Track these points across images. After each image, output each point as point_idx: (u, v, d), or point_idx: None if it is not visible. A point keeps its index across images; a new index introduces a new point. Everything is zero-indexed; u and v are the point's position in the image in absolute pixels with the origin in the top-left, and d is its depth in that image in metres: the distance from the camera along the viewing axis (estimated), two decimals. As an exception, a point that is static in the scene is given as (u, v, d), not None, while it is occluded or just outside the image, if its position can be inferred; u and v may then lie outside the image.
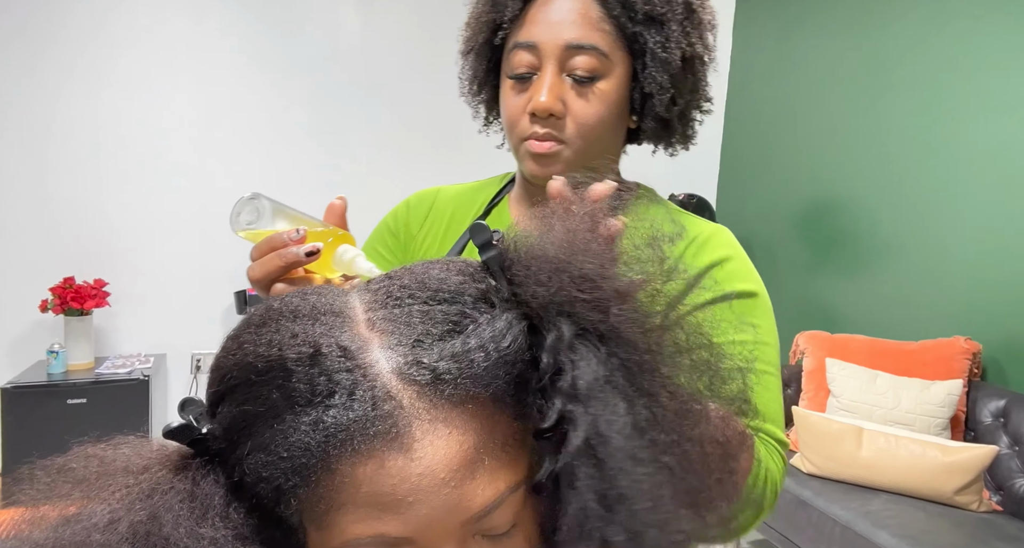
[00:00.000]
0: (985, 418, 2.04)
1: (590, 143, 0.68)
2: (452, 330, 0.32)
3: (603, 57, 0.65)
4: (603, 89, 0.66)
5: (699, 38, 0.68)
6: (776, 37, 3.07)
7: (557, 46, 0.65)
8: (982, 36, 2.20)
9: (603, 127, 0.67)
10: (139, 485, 0.31)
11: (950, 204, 2.29)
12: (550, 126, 0.67)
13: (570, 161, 0.68)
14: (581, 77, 0.65)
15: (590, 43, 0.64)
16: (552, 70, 0.66)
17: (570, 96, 0.66)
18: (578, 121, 0.66)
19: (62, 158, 2.50)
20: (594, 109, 0.66)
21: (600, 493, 0.31)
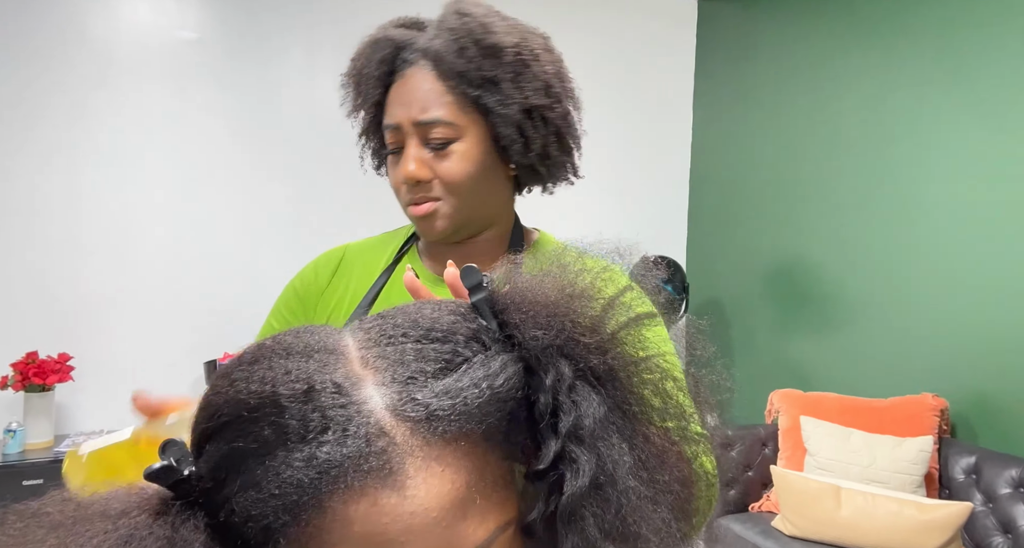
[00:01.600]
0: (958, 475, 2.06)
1: (463, 197, 0.75)
2: (445, 368, 0.32)
3: (451, 125, 0.72)
4: (460, 150, 0.73)
5: (536, 89, 0.73)
6: (735, 108, 3.25)
7: (410, 124, 0.73)
8: (929, 105, 2.36)
9: (471, 181, 0.74)
10: (117, 531, 0.30)
11: (911, 263, 2.39)
12: (421, 190, 0.75)
13: (450, 215, 0.76)
14: (436, 145, 0.73)
15: (435, 118, 0.72)
16: (413, 143, 0.74)
17: (433, 162, 0.74)
18: (444, 181, 0.74)
19: (28, 230, 2.49)
20: (456, 167, 0.74)
21: (606, 532, 0.32)
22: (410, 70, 0.74)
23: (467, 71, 0.71)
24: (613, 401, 0.35)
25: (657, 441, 0.36)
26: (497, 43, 0.70)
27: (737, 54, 3.23)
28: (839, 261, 2.66)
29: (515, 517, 0.34)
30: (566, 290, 0.37)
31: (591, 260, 0.41)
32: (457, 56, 0.70)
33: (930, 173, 2.32)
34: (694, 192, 3.50)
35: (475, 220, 0.78)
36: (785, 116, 2.94)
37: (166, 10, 2.64)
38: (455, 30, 0.71)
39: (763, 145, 3.06)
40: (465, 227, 0.78)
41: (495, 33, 0.71)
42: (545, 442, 0.33)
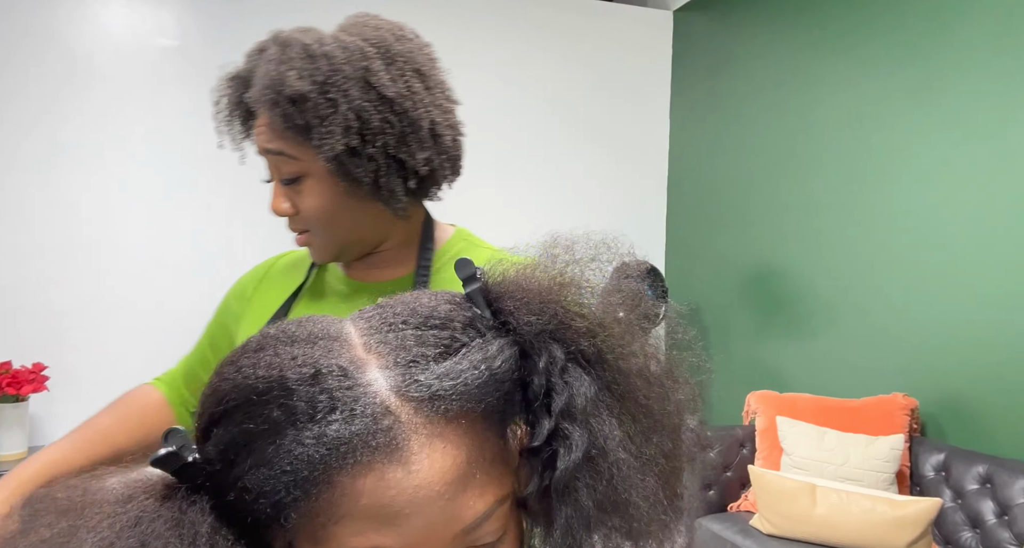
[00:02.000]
0: (928, 472, 2.12)
1: (329, 229, 0.76)
2: (444, 352, 0.34)
3: (293, 159, 0.73)
4: (310, 185, 0.74)
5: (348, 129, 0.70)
6: (711, 116, 3.32)
7: (262, 153, 0.75)
8: (899, 113, 2.44)
9: (328, 215, 0.75)
10: (126, 514, 0.31)
11: (882, 268, 2.46)
12: (294, 223, 0.77)
13: (324, 246, 0.78)
14: (287, 181, 0.74)
15: (277, 149, 0.73)
16: (275, 177, 0.76)
17: (292, 196, 0.75)
18: (307, 216, 0.75)
19: (2, 239, 2.45)
20: (311, 202, 0.74)
21: (598, 501, 0.35)
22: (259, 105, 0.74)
23: (285, 118, 0.70)
24: (602, 381, 0.37)
25: (642, 418, 0.38)
26: (295, 93, 0.68)
27: (713, 64, 3.31)
28: (813, 266, 2.73)
29: (512, 491, 0.36)
30: (556, 279, 0.39)
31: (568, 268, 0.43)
32: (272, 107, 0.70)
33: (900, 179, 2.40)
34: (672, 199, 3.56)
35: (355, 243, 0.79)
36: (760, 124, 3.01)
37: (144, 18, 2.63)
38: (261, 80, 0.71)
39: (739, 153, 3.13)
40: (346, 252, 0.79)
41: (290, 83, 0.68)
42: (539, 421, 0.36)
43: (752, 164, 3.04)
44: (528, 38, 3.18)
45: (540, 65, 3.23)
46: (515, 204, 3.20)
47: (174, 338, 2.59)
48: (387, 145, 0.72)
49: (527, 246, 0.43)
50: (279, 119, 0.71)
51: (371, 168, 0.72)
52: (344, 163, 0.71)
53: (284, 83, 0.69)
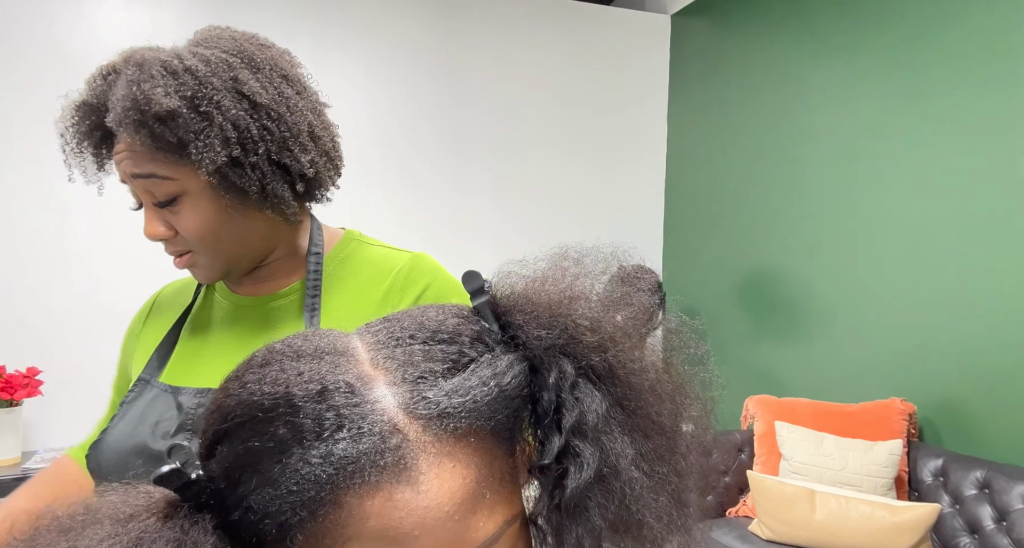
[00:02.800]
0: (926, 477, 2.12)
1: (215, 244, 0.73)
2: (452, 368, 0.34)
3: (168, 179, 0.69)
4: (189, 204, 0.70)
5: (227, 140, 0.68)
6: (708, 120, 3.33)
7: (129, 178, 0.71)
8: (892, 118, 2.45)
9: (216, 228, 0.72)
10: (127, 534, 0.31)
11: (879, 272, 2.46)
12: (173, 245, 0.73)
13: (209, 265, 0.74)
14: (162, 203, 0.70)
15: (149, 173, 0.69)
16: (146, 201, 0.72)
17: (170, 218, 0.71)
18: (189, 235, 0.72)
19: (4, 243, 2.43)
20: (190, 223, 0.71)
21: (610, 521, 0.34)
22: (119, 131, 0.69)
23: (155, 139, 0.67)
24: (613, 397, 0.36)
25: (655, 435, 0.37)
26: (164, 109, 0.65)
27: (710, 68, 3.31)
28: (810, 270, 2.73)
29: (521, 511, 0.36)
30: (566, 292, 0.38)
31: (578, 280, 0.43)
32: (138, 129, 0.66)
33: (896, 182, 2.41)
34: (669, 203, 3.56)
35: (243, 258, 0.76)
36: (757, 128, 3.02)
37: (140, 18, 2.62)
38: (123, 102, 0.66)
39: (736, 157, 3.13)
40: (236, 266, 0.76)
41: (156, 101, 0.65)
42: (549, 438, 0.35)
43: (749, 168, 3.05)
44: (525, 42, 3.18)
45: (538, 69, 3.23)
46: (512, 208, 3.20)
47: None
48: (269, 152, 0.70)
49: (535, 258, 0.42)
50: (148, 140, 0.66)
51: (256, 177, 0.70)
52: (227, 175, 0.68)
53: (150, 102, 0.65)
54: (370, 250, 0.82)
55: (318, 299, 0.76)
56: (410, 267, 0.78)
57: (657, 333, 0.42)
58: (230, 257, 0.74)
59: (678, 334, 0.44)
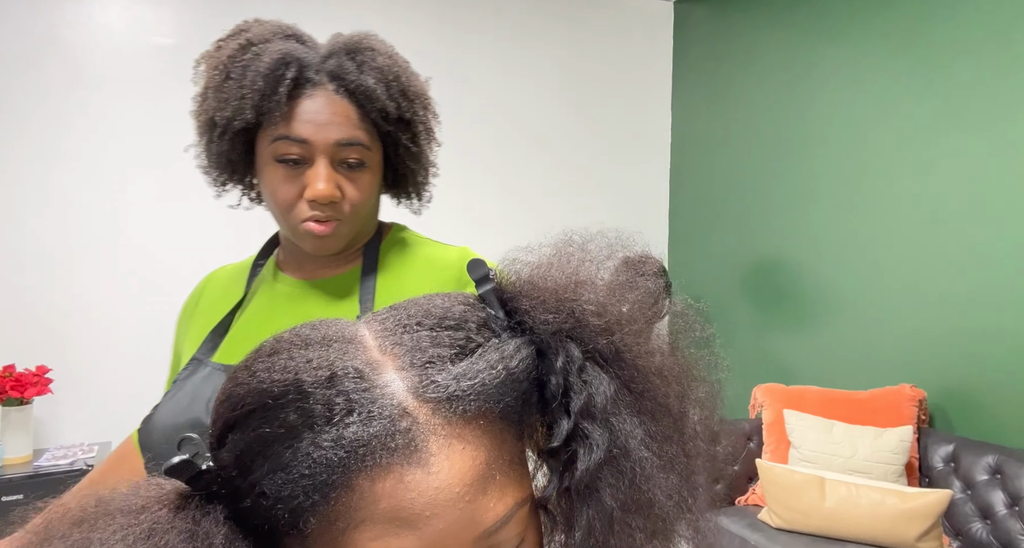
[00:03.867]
0: (937, 464, 2.11)
1: (360, 218, 0.80)
2: (460, 353, 0.34)
3: (366, 149, 0.77)
4: (368, 174, 0.79)
5: (430, 132, 0.83)
6: (712, 108, 3.30)
7: (328, 144, 0.75)
8: (900, 103, 2.42)
9: (369, 204, 0.80)
10: (139, 525, 0.31)
11: (886, 258, 2.44)
12: (330, 210, 0.76)
13: (346, 235, 0.80)
14: (353, 163, 0.77)
15: (357, 140, 0.76)
16: (325, 162, 0.75)
17: (343, 182, 0.77)
18: (352, 203, 0.78)
19: (3, 241, 2.44)
20: (364, 192, 0.79)
21: (621, 501, 0.34)
22: (318, 90, 0.75)
23: (387, 108, 0.76)
24: (621, 380, 0.36)
25: (662, 416, 0.37)
26: (417, 90, 0.79)
27: (714, 55, 3.28)
28: (817, 257, 2.71)
29: (531, 493, 0.36)
30: (571, 277, 0.39)
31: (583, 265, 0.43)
32: (384, 94, 0.76)
33: (903, 169, 2.38)
34: (674, 191, 3.54)
35: (359, 235, 0.83)
36: (762, 115, 2.99)
37: (141, 15, 2.61)
38: (382, 69, 0.76)
39: (741, 144, 3.11)
40: (353, 242, 0.83)
41: (415, 79, 0.80)
42: (558, 421, 0.35)
43: (754, 155, 3.02)
44: (528, 30, 3.16)
45: (540, 57, 3.21)
46: (516, 197, 3.19)
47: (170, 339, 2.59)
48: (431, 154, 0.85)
49: (540, 245, 0.42)
50: (380, 107, 0.76)
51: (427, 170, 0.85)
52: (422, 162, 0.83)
53: (411, 77, 0.79)
54: (421, 242, 0.88)
55: (372, 285, 0.80)
56: (458, 262, 0.84)
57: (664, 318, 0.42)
58: (358, 231, 0.81)
59: (683, 317, 0.44)
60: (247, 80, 0.74)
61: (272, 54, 0.75)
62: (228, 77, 0.76)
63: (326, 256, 0.82)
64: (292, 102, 0.75)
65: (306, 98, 0.75)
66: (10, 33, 2.43)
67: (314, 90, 0.75)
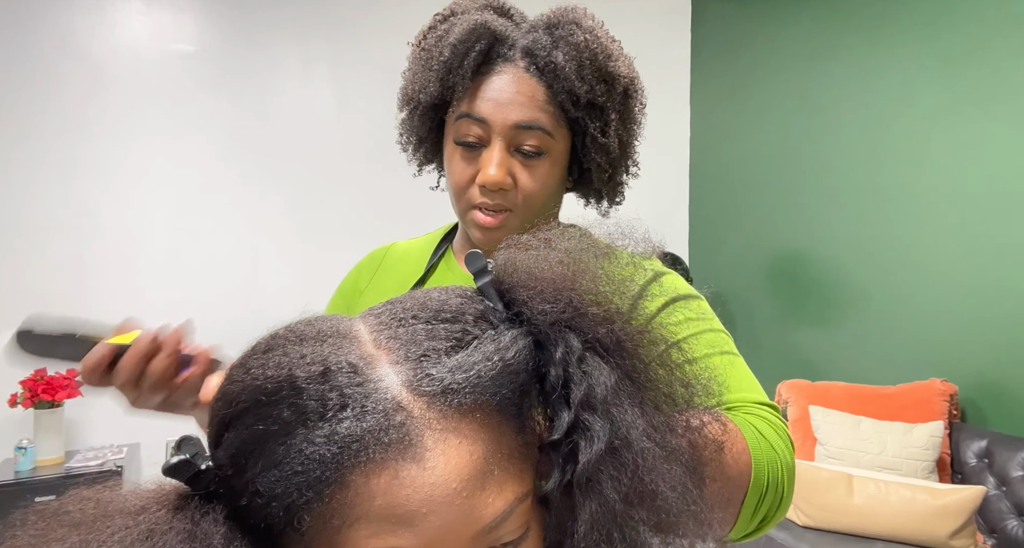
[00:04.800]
0: (970, 459, 2.05)
1: (534, 212, 0.72)
2: (456, 346, 0.33)
3: (548, 136, 0.69)
4: (547, 164, 0.70)
5: (631, 124, 0.74)
6: (731, 100, 3.26)
7: (506, 125, 0.68)
8: (924, 92, 2.36)
9: (546, 197, 0.72)
10: (137, 526, 0.31)
11: (913, 249, 2.39)
12: (499, 198, 0.70)
13: (516, 228, 0.71)
14: (529, 152, 0.69)
15: (538, 124, 0.68)
16: (500, 145, 0.69)
17: (517, 169, 0.70)
18: (525, 193, 0.70)
19: (31, 247, 2.50)
20: (539, 182, 0.70)
21: (624, 494, 0.33)
22: (507, 67, 0.69)
23: (578, 91, 0.68)
24: (622, 370, 0.35)
25: (665, 406, 0.37)
26: (615, 72, 0.69)
27: (732, 47, 3.24)
28: (841, 249, 2.66)
29: (532, 488, 0.35)
30: (570, 267, 0.38)
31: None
32: (574, 74, 0.67)
33: (930, 158, 2.32)
34: (694, 186, 3.50)
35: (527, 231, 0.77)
36: (782, 107, 2.94)
37: (162, 23, 2.66)
38: (578, 46, 0.67)
39: (761, 136, 3.06)
40: None
41: (615, 61, 0.70)
42: (558, 413, 0.34)
43: (776, 147, 2.97)
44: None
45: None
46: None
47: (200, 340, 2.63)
48: (633, 151, 0.78)
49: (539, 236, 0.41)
50: (574, 90, 0.68)
51: (622, 166, 0.77)
52: (612, 156, 0.73)
53: (611, 57, 0.69)
54: None
55: None
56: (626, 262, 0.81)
57: None
58: (532, 222, 0.72)
59: None
60: (436, 52, 0.70)
61: (464, 24, 0.69)
62: (422, 49, 0.73)
63: None
64: (480, 78, 0.69)
65: (494, 74, 0.69)
66: (34, 42, 2.49)
67: (504, 66, 0.69)
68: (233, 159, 2.76)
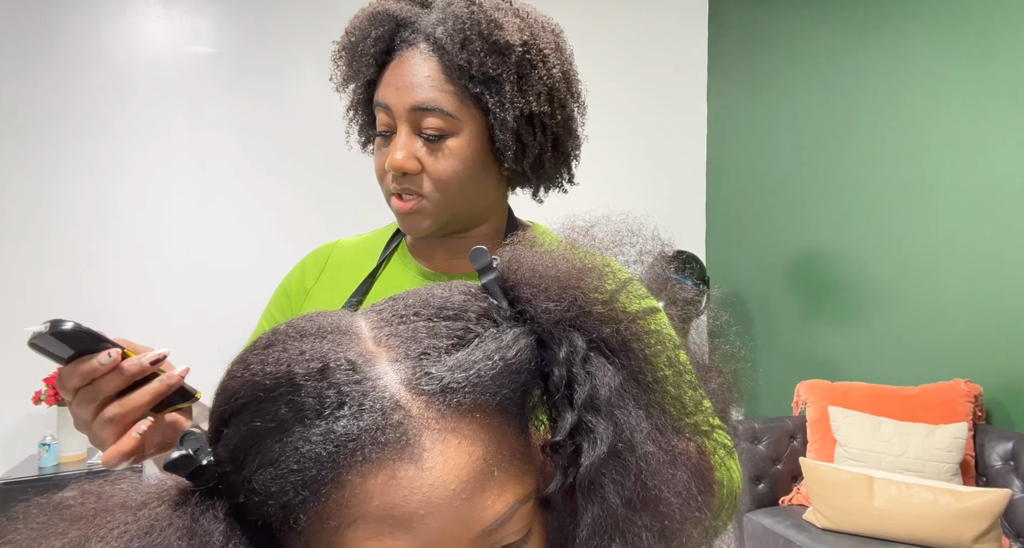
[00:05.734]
0: (995, 462, 2.01)
1: (449, 196, 0.70)
2: (457, 344, 0.33)
3: (449, 117, 0.67)
4: (453, 146, 0.68)
5: (539, 94, 0.68)
6: (749, 98, 3.22)
7: (405, 108, 0.67)
8: (947, 88, 2.31)
9: (460, 180, 0.69)
10: (137, 522, 0.31)
11: (935, 248, 2.34)
12: (407, 183, 0.69)
13: (434, 214, 0.70)
14: (430, 136, 0.67)
15: (434, 105, 0.66)
16: (405, 130, 0.68)
17: (423, 154, 0.68)
18: (433, 177, 0.68)
19: (52, 246, 2.54)
20: (446, 165, 0.68)
21: (626, 498, 0.32)
22: (409, 52, 0.68)
23: (469, 66, 0.65)
24: (628, 371, 0.35)
25: (672, 409, 0.36)
26: (503, 41, 0.64)
27: (750, 44, 3.20)
28: (861, 248, 2.61)
29: (534, 490, 0.34)
30: (576, 265, 0.37)
31: (589, 254, 0.40)
32: (460, 49, 0.65)
33: (952, 156, 2.27)
34: (711, 184, 3.46)
35: (460, 219, 0.73)
36: (800, 105, 2.90)
37: (180, 25, 2.69)
38: (461, 19, 0.65)
39: (779, 134, 3.02)
40: (449, 225, 0.73)
41: (503, 29, 0.64)
42: (561, 414, 0.33)
43: (795, 143, 2.93)
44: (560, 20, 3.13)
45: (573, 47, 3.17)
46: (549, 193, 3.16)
47: (216, 341, 2.66)
48: (558, 124, 0.70)
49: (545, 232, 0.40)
50: (463, 65, 0.65)
51: (537, 142, 0.70)
52: (515, 130, 0.68)
53: (497, 28, 0.64)
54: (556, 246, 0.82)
55: None
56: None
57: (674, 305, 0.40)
58: (453, 214, 0.71)
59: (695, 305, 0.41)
60: (344, 42, 0.72)
61: (364, 14, 0.70)
62: (344, 51, 0.73)
63: (443, 243, 0.76)
64: (388, 66, 0.69)
65: (398, 60, 0.68)
66: (58, 45, 2.53)
67: (408, 51, 0.68)
68: (250, 159, 2.78)
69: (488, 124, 0.69)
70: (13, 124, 2.48)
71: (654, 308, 0.38)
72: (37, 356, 0.52)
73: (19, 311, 2.48)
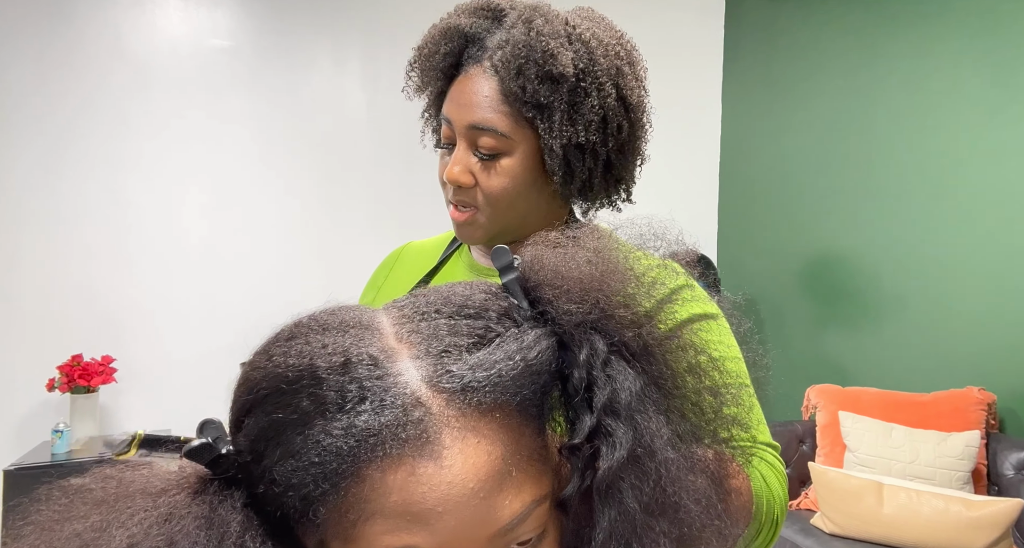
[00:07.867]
0: (1007, 471, 1.98)
1: (500, 210, 0.73)
2: (478, 342, 0.33)
3: (503, 137, 0.70)
4: (505, 165, 0.71)
5: (589, 123, 0.69)
6: (764, 99, 3.19)
7: (463, 125, 0.71)
8: (965, 91, 2.28)
9: (510, 197, 0.72)
10: (157, 509, 0.31)
11: (951, 254, 2.31)
12: (462, 195, 0.73)
13: (485, 226, 0.74)
14: (483, 155, 0.71)
15: (489, 125, 0.69)
16: (462, 145, 0.72)
17: (477, 169, 0.71)
18: (485, 192, 0.72)
19: (72, 238, 2.57)
20: (497, 182, 0.71)
21: (644, 504, 0.32)
22: (474, 69, 0.71)
23: (523, 92, 0.68)
24: (649, 375, 0.35)
25: (692, 415, 0.36)
26: (556, 71, 0.67)
27: (766, 44, 3.17)
28: (875, 252, 2.59)
29: (550, 492, 0.34)
30: (599, 266, 0.37)
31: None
32: (516, 75, 0.67)
33: (968, 160, 2.25)
34: (724, 186, 3.44)
35: (512, 230, 0.75)
36: (816, 107, 2.88)
37: (199, 19, 2.71)
38: (518, 45, 0.67)
39: (794, 137, 3.00)
40: (501, 236, 0.75)
41: (556, 59, 0.66)
42: (580, 417, 0.33)
43: (808, 147, 2.91)
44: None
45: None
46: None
47: (229, 333, 2.68)
48: (611, 149, 0.72)
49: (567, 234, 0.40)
50: (516, 91, 0.67)
51: (586, 167, 0.72)
52: (564, 155, 0.70)
53: (550, 58, 0.66)
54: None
55: None
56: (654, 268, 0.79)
57: None
58: (505, 227, 0.74)
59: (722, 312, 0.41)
60: (416, 56, 0.76)
61: (436, 29, 0.73)
62: (416, 63, 0.77)
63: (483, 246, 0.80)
64: (456, 80, 0.72)
65: (463, 76, 0.71)
66: (78, 40, 2.55)
67: (473, 67, 0.71)
68: (267, 151, 2.80)
69: (541, 145, 0.72)
70: (32, 117, 2.51)
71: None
72: (48, 343, 0.52)
73: (37, 302, 2.51)
